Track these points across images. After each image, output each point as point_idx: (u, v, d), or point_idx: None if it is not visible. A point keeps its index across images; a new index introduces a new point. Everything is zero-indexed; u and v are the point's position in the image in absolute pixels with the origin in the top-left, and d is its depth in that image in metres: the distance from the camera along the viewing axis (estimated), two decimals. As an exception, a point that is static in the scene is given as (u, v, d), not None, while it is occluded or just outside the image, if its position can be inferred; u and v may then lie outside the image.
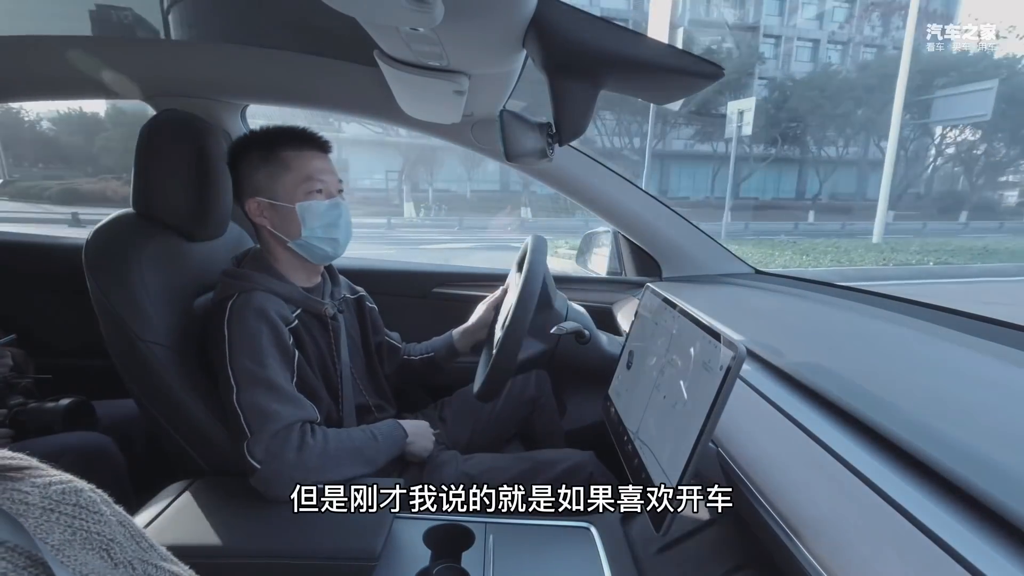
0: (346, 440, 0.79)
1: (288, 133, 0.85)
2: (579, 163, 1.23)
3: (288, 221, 0.85)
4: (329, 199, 0.86)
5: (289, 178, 0.84)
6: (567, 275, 1.46)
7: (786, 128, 17.13)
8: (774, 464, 0.51)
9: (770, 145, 17.80)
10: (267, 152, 0.84)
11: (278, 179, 0.84)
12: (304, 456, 0.72)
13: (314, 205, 0.84)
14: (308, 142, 0.86)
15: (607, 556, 0.70)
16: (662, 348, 0.67)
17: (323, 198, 0.85)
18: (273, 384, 0.75)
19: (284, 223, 0.85)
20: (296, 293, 0.87)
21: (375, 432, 0.84)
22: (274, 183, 0.84)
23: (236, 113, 1.27)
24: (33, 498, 0.30)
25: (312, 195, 0.84)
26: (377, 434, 0.84)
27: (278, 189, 0.84)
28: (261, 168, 0.84)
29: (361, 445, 0.81)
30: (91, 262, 0.78)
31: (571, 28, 0.55)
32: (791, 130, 17.27)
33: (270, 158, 0.84)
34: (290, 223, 0.85)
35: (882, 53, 15.70)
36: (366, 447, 0.81)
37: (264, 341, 0.77)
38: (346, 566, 0.65)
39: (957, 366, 0.68)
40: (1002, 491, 0.39)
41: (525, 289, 0.84)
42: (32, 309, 1.36)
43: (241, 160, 0.85)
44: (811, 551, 0.40)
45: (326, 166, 0.87)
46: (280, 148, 0.84)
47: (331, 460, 0.75)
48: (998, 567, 0.33)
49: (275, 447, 0.71)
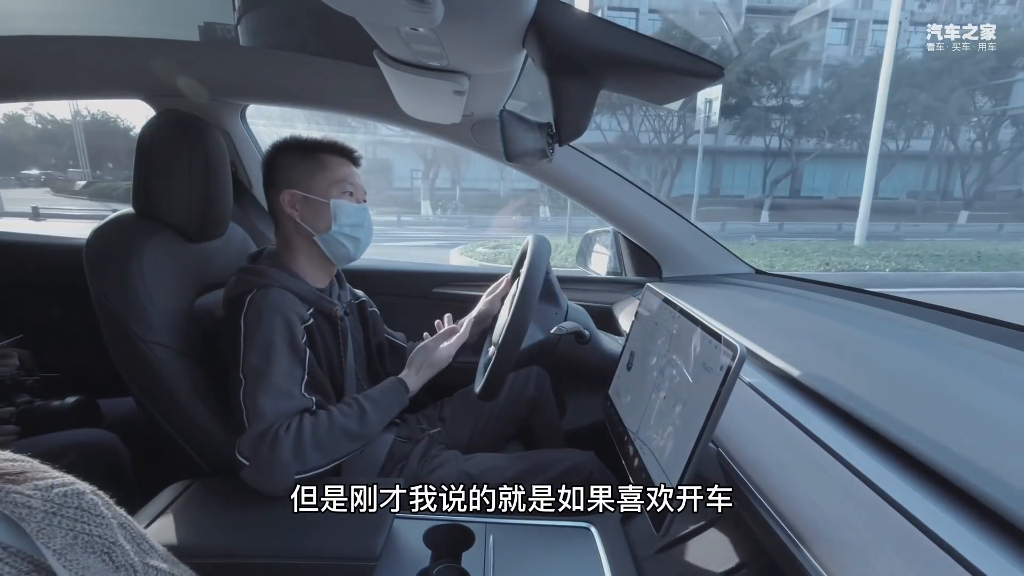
0: (335, 425, 0.78)
1: (328, 144, 0.91)
2: (579, 163, 1.23)
3: (319, 215, 0.88)
4: (358, 203, 0.92)
5: (325, 176, 0.89)
6: (567, 275, 1.46)
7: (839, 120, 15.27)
8: (774, 464, 0.51)
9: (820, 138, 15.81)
10: (307, 151, 0.89)
11: (315, 175, 0.88)
12: (287, 451, 0.71)
13: (345, 204, 0.89)
14: (345, 153, 0.92)
15: (607, 556, 0.70)
16: (662, 348, 0.67)
17: (353, 200, 0.91)
18: (275, 384, 0.75)
19: (315, 216, 0.88)
20: (311, 292, 0.88)
21: (365, 407, 0.82)
22: (310, 179, 0.88)
23: (236, 113, 1.27)
24: (35, 502, 0.30)
25: (344, 195, 0.89)
26: (367, 408, 0.82)
27: (314, 184, 0.88)
28: (300, 163, 0.88)
29: (347, 426, 0.79)
30: (91, 262, 0.78)
31: (571, 28, 0.55)
32: (844, 122, 15.38)
33: (309, 156, 0.89)
34: (321, 217, 0.88)
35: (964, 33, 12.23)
36: (354, 427, 0.79)
37: (277, 339, 0.78)
38: (346, 566, 0.65)
39: (957, 366, 0.68)
40: (1002, 491, 0.39)
41: (525, 289, 0.84)
42: (36, 309, 1.37)
43: (279, 155, 0.90)
44: (811, 551, 0.40)
45: (359, 178, 0.93)
46: (320, 151, 0.90)
47: (315, 449, 0.74)
48: (998, 567, 0.33)
49: (262, 446, 0.71)
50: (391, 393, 0.87)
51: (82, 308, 0.84)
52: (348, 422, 0.79)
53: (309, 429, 0.74)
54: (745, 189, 18.89)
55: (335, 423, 0.77)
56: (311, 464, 0.73)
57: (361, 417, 0.81)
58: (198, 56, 1.09)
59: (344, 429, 0.78)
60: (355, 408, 0.81)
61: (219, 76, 1.13)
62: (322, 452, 0.75)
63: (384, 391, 0.87)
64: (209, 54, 1.09)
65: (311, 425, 0.75)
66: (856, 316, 0.93)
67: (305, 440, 0.73)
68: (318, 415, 0.77)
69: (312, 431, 0.74)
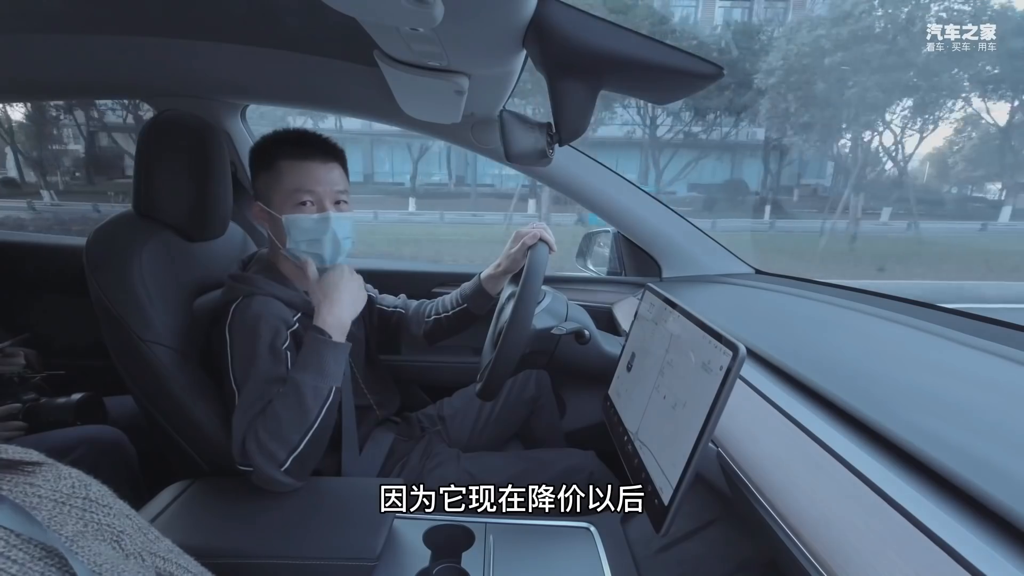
0: (276, 409, 0.73)
1: (290, 139, 0.85)
2: (579, 163, 1.23)
3: (279, 229, 0.85)
4: (319, 212, 0.84)
5: (280, 187, 0.84)
6: (567, 275, 1.46)
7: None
8: (774, 464, 0.51)
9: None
10: (267, 159, 0.85)
11: (272, 188, 0.85)
12: (257, 454, 0.71)
13: (299, 219, 0.83)
14: (308, 147, 0.84)
15: (607, 556, 0.70)
16: (662, 348, 0.67)
17: (312, 211, 0.84)
18: (250, 393, 0.75)
19: (277, 231, 0.86)
20: (297, 298, 0.87)
21: (294, 376, 0.75)
22: (269, 191, 0.85)
23: (236, 113, 1.27)
24: (45, 491, 0.31)
25: (299, 208, 0.83)
26: (296, 376, 0.75)
27: (272, 197, 0.85)
28: (261, 174, 0.86)
29: (287, 403, 0.74)
30: (91, 262, 0.78)
31: (571, 28, 0.55)
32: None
33: (269, 165, 0.85)
34: (280, 232, 0.85)
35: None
36: (293, 400, 0.74)
37: (260, 347, 0.77)
38: (346, 566, 0.65)
39: (957, 366, 0.68)
40: (1002, 491, 0.39)
41: (525, 289, 0.84)
42: (40, 310, 1.37)
43: (252, 163, 0.88)
44: (811, 551, 0.40)
45: (323, 175, 0.84)
46: (279, 156, 0.84)
47: (276, 440, 0.71)
48: (998, 567, 0.33)
49: (243, 455, 0.72)
50: (310, 346, 0.78)
51: (85, 309, 0.84)
52: (287, 400, 0.74)
53: (262, 426, 0.72)
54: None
55: (276, 409, 0.73)
56: (281, 455, 0.71)
57: (296, 387, 0.74)
58: (198, 56, 1.09)
59: (286, 408, 0.73)
60: (289, 383, 0.75)
61: (219, 76, 1.13)
62: (282, 440, 0.71)
63: (304, 349, 0.78)
64: (209, 54, 1.09)
65: (262, 422, 0.73)
66: (856, 316, 0.93)
67: (262, 438, 0.71)
68: (264, 409, 0.74)
69: (263, 427, 0.72)
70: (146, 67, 1.11)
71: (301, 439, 0.73)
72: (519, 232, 0.99)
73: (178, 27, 1.01)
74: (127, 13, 0.95)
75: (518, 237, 0.99)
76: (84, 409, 1.02)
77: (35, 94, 1.26)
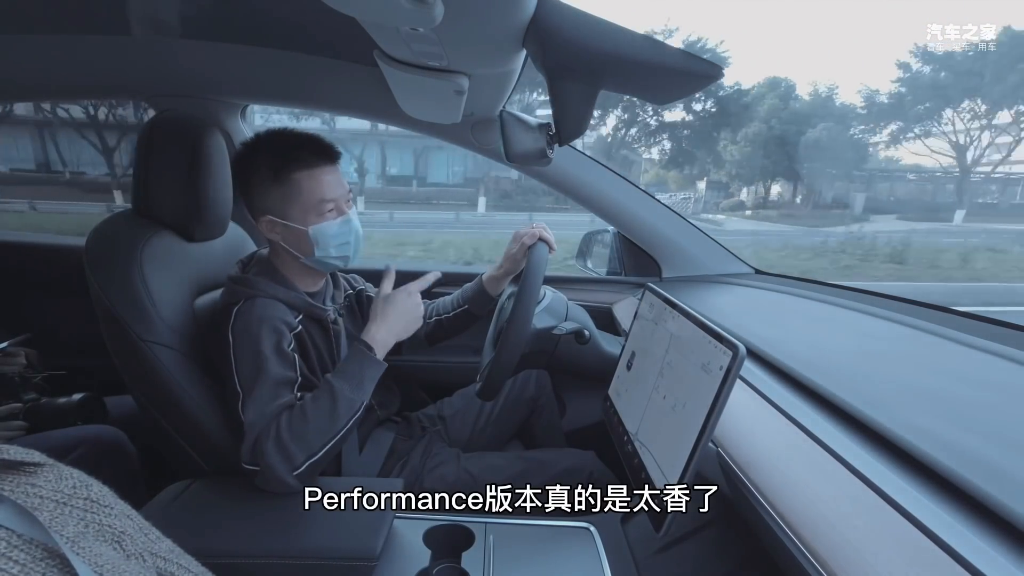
0: (307, 412, 0.74)
1: (300, 148, 0.82)
2: (579, 163, 1.23)
3: (301, 241, 0.84)
4: (341, 216, 0.85)
5: (301, 203, 0.82)
6: (567, 275, 1.46)
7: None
8: (774, 464, 0.51)
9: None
10: (278, 173, 0.81)
11: (290, 202, 0.82)
12: (272, 455, 0.71)
13: (326, 227, 0.83)
14: (319, 156, 0.83)
15: (607, 556, 0.70)
16: (662, 349, 0.67)
17: (335, 216, 0.84)
18: (262, 392, 0.75)
19: (298, 242, 0.84)
20: (300, 300, 0.86)
21: (333, 383, 0.76)
22: (286, 205, 0.82)
23: (236, 113, 1.27)
24: (47, 492, 0.31)
25: (324, 216, 0.83)
26: (335, 383, 0.76)
27: (291, 211, 0.82)
28: (273, 190, 0.82)
29: (320, 408, 0.75)
30: (91, 262, 0.78)
31: (571, 28, 0.55)
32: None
33: (282, 179, 0.81)
34: (303, 243, 0.84)
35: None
36: (327, 406, 0.75)
37: (264, 348, 0.77)
38: (346, 566, 0.65)
39: (957, 366, 0.68)
40: (1002, 491, 0.39)
41: (525, 288, 0.84)
42: (40, 310, 1.37)
43: (252, 177, 0.83)
44: (811, 551, 0.40)
45: (336, 179, 0.85)
46: (292, 169, 0.81)
47: (298, 443, 0.72)
48: (998, 567, 0.34)
49: (254, 454, 0.72)
50: (354, 357, 0.79)
51: (85, 308, 0.84)
52: (320, 404, 0.74)
53: (286, 426, 0.72)
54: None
55: (307, 411, 0.74)
56: (299, 459, 0.71)
57: (332, 394, 0.75)
58: (198, 56, 1.10)
59: (317, 412, 0.74)
60: (325, 387, 0.76)
61: (219, 76, 1.13)
62: (305, 443, 0.72)
63: (348, 359, 0.80)
64: (209, 54, 1.09)
65: (287, 421, 0.73)
66: (856, 316, 0.93)
67: (284, 438, 0.71)
68: (292, 409, 0.74)
69: (288, 427, 0.72)
70: (146, 67, 1.11)
71: (323, 446, 0.73)
72: (518, 232, 0.99)
73: (178, 27, 1.01)
74: (127, 13, 0.95)
75: (517, 237, 0.99)
76: (85, 409, 1.02)
77: (35, 94, 1.25)
